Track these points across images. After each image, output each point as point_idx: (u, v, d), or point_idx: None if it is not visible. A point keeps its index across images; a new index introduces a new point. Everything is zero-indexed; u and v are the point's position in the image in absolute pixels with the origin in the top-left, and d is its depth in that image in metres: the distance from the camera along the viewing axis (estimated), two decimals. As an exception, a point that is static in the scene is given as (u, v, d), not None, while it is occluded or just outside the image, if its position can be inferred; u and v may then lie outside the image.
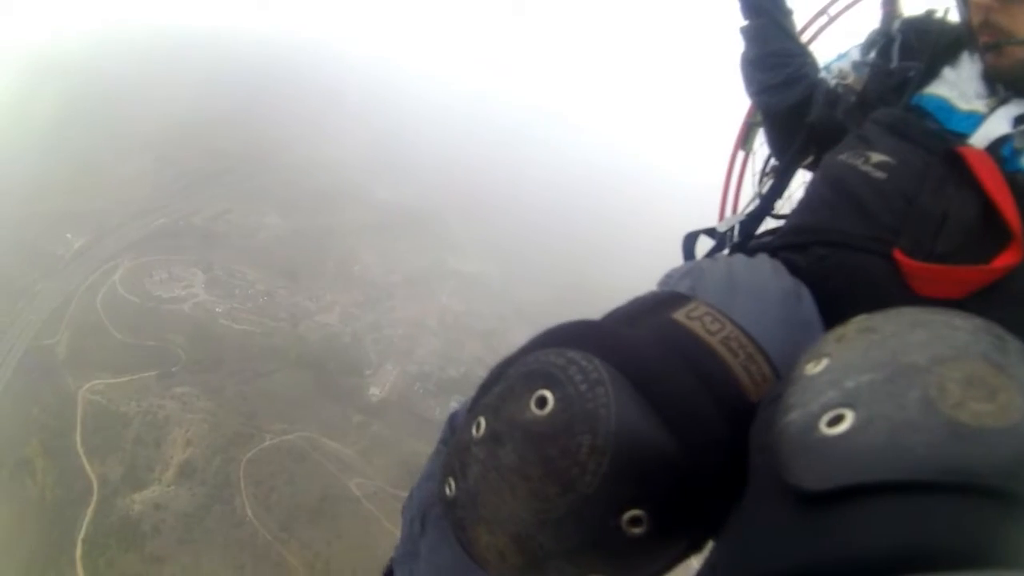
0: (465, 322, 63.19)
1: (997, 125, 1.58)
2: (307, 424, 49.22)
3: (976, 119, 1.62)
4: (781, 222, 2.13)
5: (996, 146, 1.56)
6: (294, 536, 42.18)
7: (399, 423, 50.74)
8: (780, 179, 2.29)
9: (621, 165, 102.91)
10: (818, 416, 0.81)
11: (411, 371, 56.46)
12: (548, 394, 0.99)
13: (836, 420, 0.79)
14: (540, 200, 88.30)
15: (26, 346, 50.31)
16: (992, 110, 1.62)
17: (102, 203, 65.07)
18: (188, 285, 58.98)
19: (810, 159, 2.20)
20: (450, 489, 1.11)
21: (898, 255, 1.50)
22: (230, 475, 44.44)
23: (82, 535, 39.48)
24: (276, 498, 44.00)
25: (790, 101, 2.26)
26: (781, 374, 1.08)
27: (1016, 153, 1.55)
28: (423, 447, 44.31)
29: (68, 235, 61.61)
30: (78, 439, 44.21)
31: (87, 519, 40.37)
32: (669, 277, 1.59)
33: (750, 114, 2.98)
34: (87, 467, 42.88)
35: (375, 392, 53.88)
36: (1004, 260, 1.41)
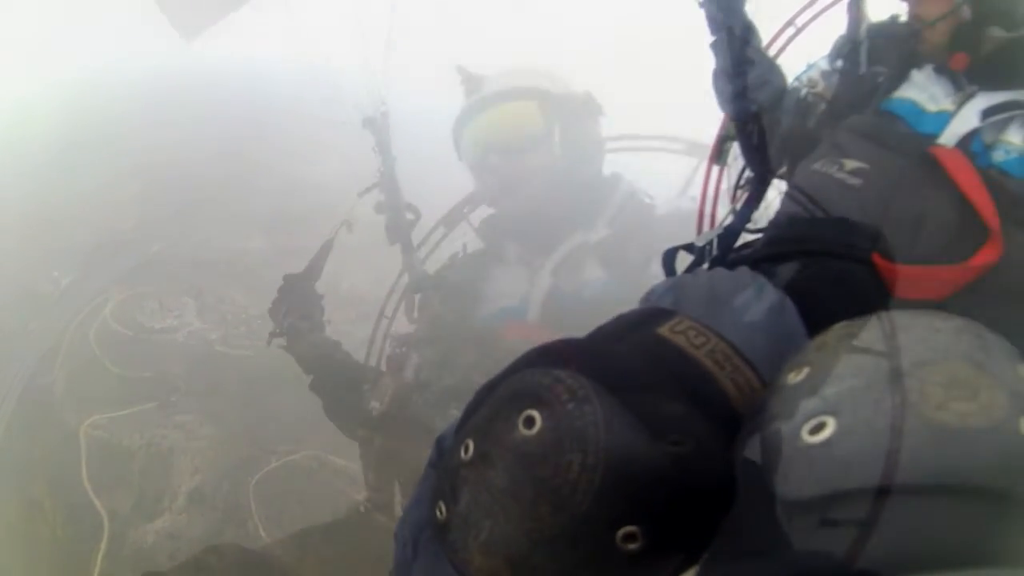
0: (459, 330, 62.69)
1: (965, 121, 1.63)
2: (312, 443, 48.86)
3: (945, 118, 1.67)
4: (759, 235, 2.12)
5: (965, 142, 1.60)
6: (310, 553, 42.03)
7: (402, 434, 50.60)
8: (755, 190, 2.26)
9: (613, 169, 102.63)
10: (800, 425, 0.81)
11: (409, 382, 56.25)
12: (535, 414, 0.98)
13: (818, 428, 0.78)
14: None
15: (23, 387, 49.75)
16: (960, 106, 1.66)
17: (84, 237, 64.20)
18: (180, 314, 57.79)
19: (784, 169, 2.23)
20: (441, 513, 1.09)
21: (877, 259, 1.50)
22: (240, 499, 43.72)
23: (97, 570, 39.22)
24: (289, 518, 43.62)
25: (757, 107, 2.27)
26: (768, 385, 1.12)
27: (986, 148, 1.59)
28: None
29: (55, 272, 60.67)
30: (84, 476, 43.73)
31: (101, 554, 39.78)
32: (651, 293, 1.56)
33: (723, 128, 2.89)
34: (96, 503, 42.24)
35: (375, 406, 53.55)
36: (983, 258, 1.45)
